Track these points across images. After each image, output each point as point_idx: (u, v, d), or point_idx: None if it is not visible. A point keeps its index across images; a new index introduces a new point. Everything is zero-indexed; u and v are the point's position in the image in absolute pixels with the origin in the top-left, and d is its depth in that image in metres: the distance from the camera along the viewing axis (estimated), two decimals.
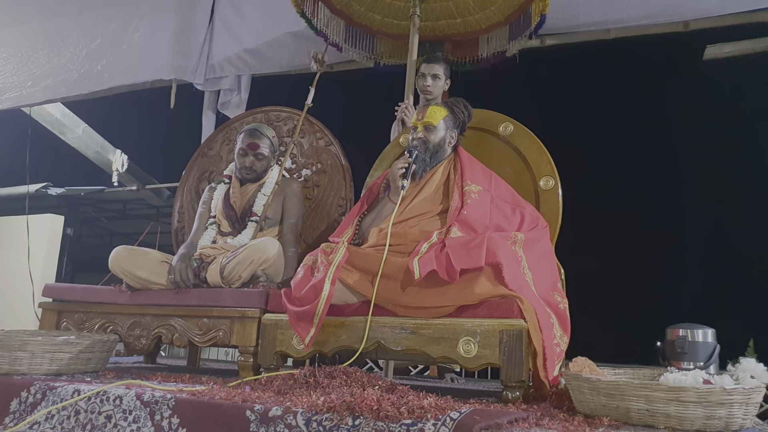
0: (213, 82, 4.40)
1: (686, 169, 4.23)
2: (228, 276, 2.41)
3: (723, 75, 3.59)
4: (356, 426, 1.39)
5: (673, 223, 4.23)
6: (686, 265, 4.14)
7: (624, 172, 4.37)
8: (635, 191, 4.36)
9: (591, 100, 4.40)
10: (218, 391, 1.72)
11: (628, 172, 4.37)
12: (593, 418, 1.49)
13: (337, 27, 3.51)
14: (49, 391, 1.79)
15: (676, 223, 4.22)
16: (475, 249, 1.85)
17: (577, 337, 2.03)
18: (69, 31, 4.76)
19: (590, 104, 4.38)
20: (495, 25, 3.41)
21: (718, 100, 3.90)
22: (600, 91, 4.41)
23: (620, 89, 4.35)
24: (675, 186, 4.28)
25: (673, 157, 4.25)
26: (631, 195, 4.37)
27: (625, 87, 4.34)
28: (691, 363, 1.80)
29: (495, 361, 1.77)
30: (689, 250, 4.14)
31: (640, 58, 3.99)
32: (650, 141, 4.32)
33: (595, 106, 4.35)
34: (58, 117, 5.74)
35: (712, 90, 3.87)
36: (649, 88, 4.32)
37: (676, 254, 4.18)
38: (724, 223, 4.02)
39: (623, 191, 4.38)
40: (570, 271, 2.27)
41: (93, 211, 7.77)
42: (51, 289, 2.66)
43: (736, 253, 4.03)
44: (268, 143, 2.80)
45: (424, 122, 2.34)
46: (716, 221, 4.04)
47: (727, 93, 3.83)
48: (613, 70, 4.25)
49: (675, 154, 4.25)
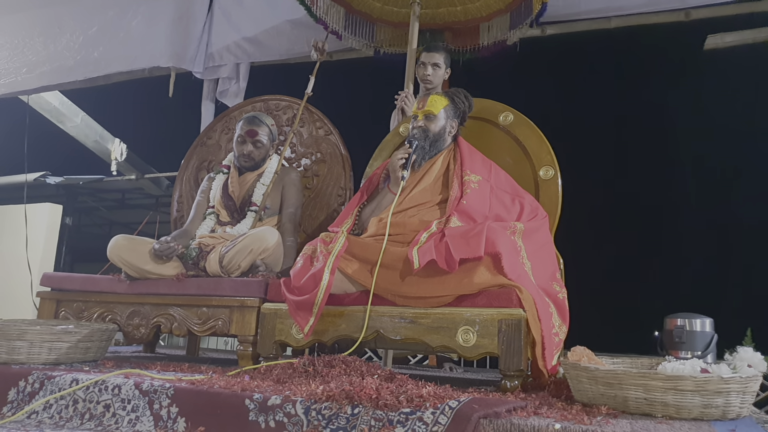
0: (212, 71, 4.38)
1: (686, 159, 4.22)
2: (227, 265, 2.41)
3: (724, 65, 3.57)
4: (355, 415, 1.39)
5: (672, 212, 4.23)
6: (685, 255, 4.15)
7: (623, 161, 4.37)
8: (635, 181, 4.35)
9: (591, 89, 4.38)
10: (217, 380, 1.72)
11: (627, 161, 4.37)
12: (591, 406, 1.49)
13: (336, 14, 3.48)
14: (47, 380, 1.79)
15: (675, 212, 4.22)
16: (475, 239, 1.85)
17: (575, 327, 2.03)
18: (66, 18, 4.72)
19: (590, 94, 4.36)
20: (496, 13, 3.38)
21: (719, 89, 3.88)
22: (600, 81, 4.39)
23: (621, 79, 4.33)
24: (674, 176, 4.27)
25: (673, 147, 4.24)
26: (630, 185, 4.36)
27: (626, 77, 4.32)
28: (689, 352, 1.81)
29: (494, 351, 1.77)
30: (688, 239, 4.14)
31: (641, 47, 3.97)
32: (650, 131, 4.31)
33: (596, 95, 4.34)
34: (56, 106, 5.71)
35: (713, 80, 3.85)
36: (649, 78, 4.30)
37: (675, 244, 4.19)
38: (723, 213, 4.03)
39: (623, 181, 4.38)
40: (569, 261, 2.27)
41: (92, 201, 7.75)
42: (49, 279, 2.65)
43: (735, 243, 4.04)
44: (266, 131, 2.79)
45: (425, 111, 2.33)
46: (715, 211, 4.04)
47: (729, 83, 3.81)
48: (614, 59, 4.23)
49: (675, 144, 4.24)
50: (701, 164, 4.15)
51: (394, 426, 1.34)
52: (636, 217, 4.30)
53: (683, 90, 4.10)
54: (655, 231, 4.26)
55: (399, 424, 1.34)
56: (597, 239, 4.08)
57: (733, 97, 3.85)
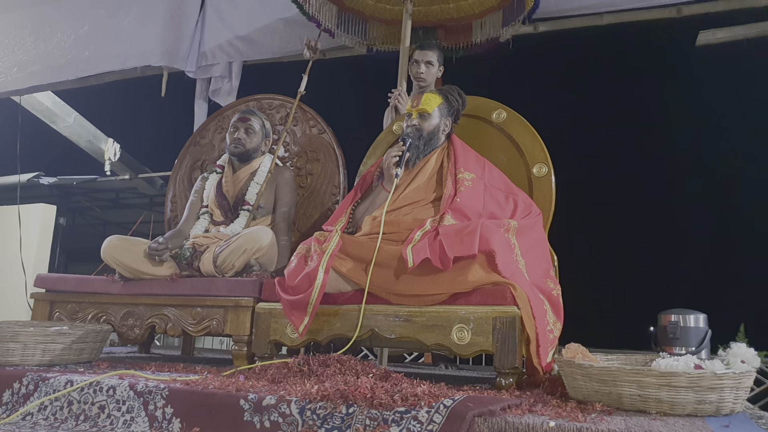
0: (204, 70, 4.36)
1: (679, 154, 4.24)
2: (221, 265, 2.41)
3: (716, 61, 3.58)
4: (350, 414, 1.39)
5: (666, 209, 4.25)
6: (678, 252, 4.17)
7: (617, 159, 4.38)
8: (628, 178, 4.37)
9: (584, 86, 4.39)
10: (212, 380, 1.72)
11: (621, 159, 4.38)
12: (586, 403, 1.50)
13: (329, 12, 3.47)
14: (41, 381, 1.79)
15: (669, 209, 4.24)
16: (469, 236, 1.85)
17: (570, 324, 2.04)
18: (57, 17, 4.68)
19: (583, 91, 4.37)
20: (488, 10, 3.38)
21: (711, 86, 3.90)
22: (593, 78, 4.40)
23: (613, 76, 4.34)
24: (667, 172, 4.29)
25: (666, 142, 4.26)
26: (624, 182, 4.38)
27: (618, 74, 4.33)
28: (683, 348, 1.82)
29: (488, 348, 1.78)
30: (682, 236, 4.16)
31: (633, 44, 3.98)
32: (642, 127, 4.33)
33: (588, 92, 4.35)
34: (49, 106, 5.67)
35: (705, 76, 3.86)
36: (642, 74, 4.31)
37: (669, 241, 4.21)
38: (717, 210, 4.05)
39: (616, 178, 4.39)
40: (563, 258, 2.28)
41: (85, 201, 7.72)
42: (43, 280, 2.64)
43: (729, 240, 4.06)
44: (259, 122, 2.82)
45: (419, 109, 2.33)
46: (709, 207, 4.06)
47: (720, 79, 3.82)
48: (607, 56, 4.23)
49: (668, 140, 4.26)
50: (694, 160, 4.17)
51: (389, 425, 1.35)
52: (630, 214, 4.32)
53: (675, 86, 4.12)
54: (649, 227, 4.28)
55: (394, 423, 1.34)
56: (591, 236, 4.09)
57: (725, 93, 3.87)
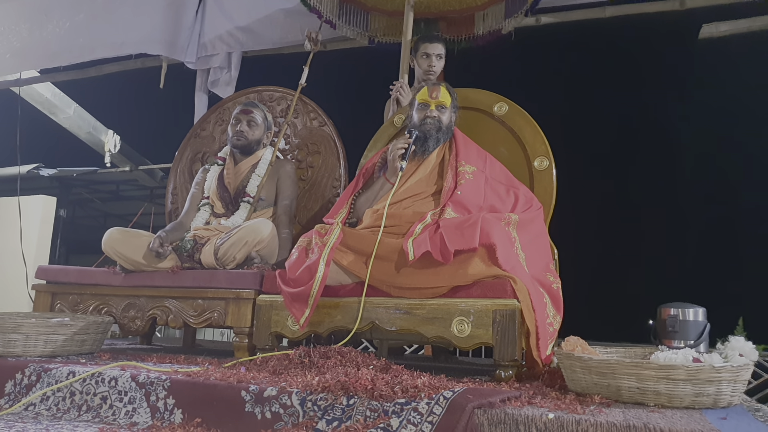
0: (204, 61, 4.32)
1: (681, 149, 4.23)
2: (222, 257, 2.41)
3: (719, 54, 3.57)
4: (351, 405, 1.40)
5: (667, 203, 4.25)
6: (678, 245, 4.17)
7: (618, 152, 4.37)
8: (630, 171, 4.37)
9: (586, 79, 4.38)
10: (213, 371, 1.73)
11: (622, 152, 4.37)
12: (585, 396, 1.51)
13: (330, 3, 3.45)
14: (44, 372, 1.80)
15: (669, 203, 4.24)
16: (469, 230, 1.85)
17: (569, 317, 2.05)
18: (53, 6, 4.64)
19: (585, 84, 4.36)
20: (491, 2, 3.36)
21: (713, 78, 3.89)
22: (595, 71, 4.38)
23: (615, 68, 4.33)
24: (669, 166, 4.28)
25: (668, 136, 4.25)
26: (625, 175, 4.38)
27: (621, 66, 4.31)
28: (682, 341, 1.82)
29: (488, 341, 1.79)
30: (681, 230, 4.16)
31: (636, 37, 3.96)
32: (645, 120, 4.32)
33: (590, 85, 4.33)
34: (49, 97, 5.65)
35: (708, 69, 3.85)
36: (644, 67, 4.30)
37: (669, 234, 4.21)
38: (717, 203, 4.05)
39: (617, 172, 4.39)
40: (563, 252, 2.28)
41: (86, 192, 7.71)
42: (44, 271, 2.64)
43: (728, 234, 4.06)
44: (261, 114, 2.82)
45: (439, 102, 2.32)
46: (709, 201, 4.06)
47: (723, 72, 3.81)
48: (609, 49, 4.22)
49: (670, 134, 4.25)
50: (695, 153, 4.16)
51: (389, 416, 1.35)
52: (630, 208, 4.32)
53: (678, 79, 4.10)
54: (649, 221, 4.28)
55: (394, 415, 1.35)
56: (591, 230, 4.09)
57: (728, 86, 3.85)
